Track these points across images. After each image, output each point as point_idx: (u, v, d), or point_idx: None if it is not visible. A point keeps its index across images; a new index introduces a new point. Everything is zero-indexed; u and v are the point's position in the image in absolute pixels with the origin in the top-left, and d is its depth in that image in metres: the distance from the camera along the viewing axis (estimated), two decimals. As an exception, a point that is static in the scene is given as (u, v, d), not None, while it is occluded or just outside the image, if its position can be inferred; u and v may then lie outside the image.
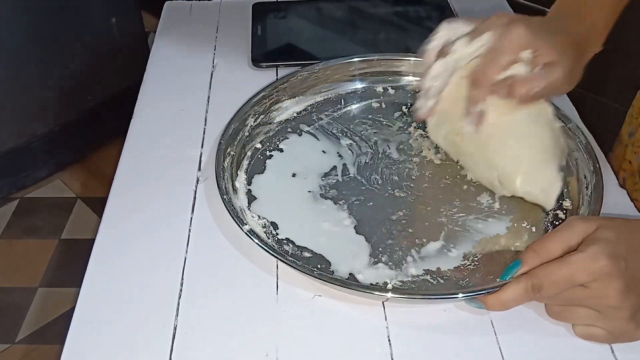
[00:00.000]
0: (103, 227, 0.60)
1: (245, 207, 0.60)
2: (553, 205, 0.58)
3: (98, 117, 1.88)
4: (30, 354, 1.44)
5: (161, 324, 0.51)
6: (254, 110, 0.68)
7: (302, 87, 0.73)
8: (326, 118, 0.71)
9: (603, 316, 0.46)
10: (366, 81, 0.75)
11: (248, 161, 0.66)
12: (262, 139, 0.68)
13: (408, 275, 0.54)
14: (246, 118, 0.67)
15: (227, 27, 0.88)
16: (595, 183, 0.58)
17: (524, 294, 0.47)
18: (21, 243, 1.70)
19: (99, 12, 1.75)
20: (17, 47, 1.61)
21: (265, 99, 0.70)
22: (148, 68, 0.81)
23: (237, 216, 0.55)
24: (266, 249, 0.53)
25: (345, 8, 0.93)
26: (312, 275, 0.51)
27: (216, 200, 0.58)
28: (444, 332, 0.51)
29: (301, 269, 0.52)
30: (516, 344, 0.50)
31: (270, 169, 0.65)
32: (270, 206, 0.61)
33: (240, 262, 0.56)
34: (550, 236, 0.48)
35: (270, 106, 0.70)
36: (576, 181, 0.61)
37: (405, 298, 0.51)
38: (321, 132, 0.70)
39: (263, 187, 0.63)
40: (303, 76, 0.73)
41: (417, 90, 0.60)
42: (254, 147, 0.67)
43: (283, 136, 0.69)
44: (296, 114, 0.72)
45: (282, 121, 0.71)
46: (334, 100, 0.73)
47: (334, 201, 0.61)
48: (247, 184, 0.63)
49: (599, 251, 0.45)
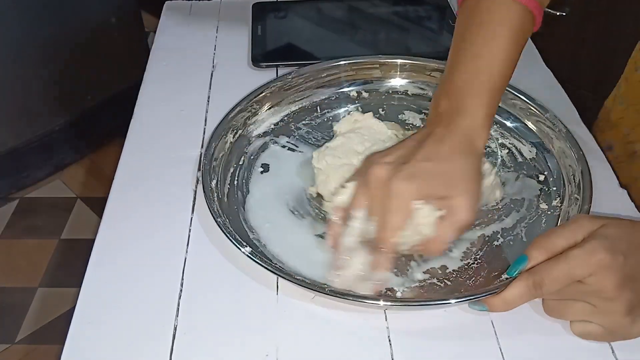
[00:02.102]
0: (103, 227, 0.60)
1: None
2: None
3: (98, 117, 1.88)
4: (30, 354, 1.44)
5: (161, 324, 0.51)
6: (232, 126, 0.67)
7: (276, 97, 0.72)
8: (305, 127, 0.71)
9: (599, 311, 0.46)
10: (339, 87, 0.74)
11: (232, 179, 0.64)
12: (244, 154, 0.66)
13: (415, 280, 0.54)
14: (225, 134, 0.66)
15: (227, 27, 0.88)
16: (582, 170, 0.59)
17: (526, 292, 0.47)
18: (21, 243, 1.70)
19: (99, 12, 1.75)
20: (17, 47, 1.61)
21: (241, 112, 0.68)
22: (148, 68, 0.81)
23: (236, 239, 0.54)
24: (269, 268, 0.52)
25: (345, 8, 0.93)
26: (313, 289, 0.51)
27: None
28: (444, 334, 0.51)
29: (300, 283, 0.51)
30: (517, 346, 0.50)
31: (256, 186, 0.63)
32: (263, 227, 0.59)
33: (241, 262, 0.56)
34: (557, 232, 0.48)
35: (247, 120, 0.69)
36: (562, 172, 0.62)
37: (404, 306, 0.51)
38: (302, 142, 0.69)
39: (253, 206, 0.61)
40: (277, 86, 0.71)
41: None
42: (236, 163, 0.65)
43: (264, 149, 0.67)
44: (273, 125, 0.70)
45: (260, 134, 0.69)
46: (309, 108, 0.73)
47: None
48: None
49: (597, 245, 0.45)
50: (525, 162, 0.66)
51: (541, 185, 0.63)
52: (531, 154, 0.66)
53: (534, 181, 0.63)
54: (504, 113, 0.69)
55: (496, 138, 0.68)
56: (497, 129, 0.69)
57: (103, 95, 1.86)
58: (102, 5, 1.75)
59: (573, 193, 0.59)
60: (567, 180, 0.61)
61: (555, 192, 0.61)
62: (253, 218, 0.60)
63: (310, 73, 0.73)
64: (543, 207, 0.60)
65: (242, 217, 0.60)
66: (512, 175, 0.64)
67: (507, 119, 0.69)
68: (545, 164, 0.65)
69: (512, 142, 0.67)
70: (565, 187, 0.61)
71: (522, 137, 0.68)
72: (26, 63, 1.64)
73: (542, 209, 0.60)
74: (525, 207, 0.60)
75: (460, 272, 0.55)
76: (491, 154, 0.67)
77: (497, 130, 0.69)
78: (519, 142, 0.67)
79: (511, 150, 0.67)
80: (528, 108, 0.68)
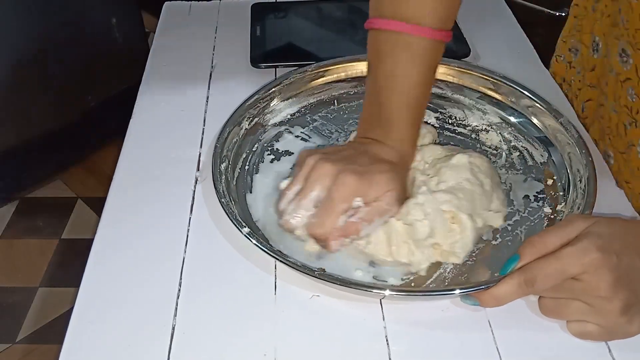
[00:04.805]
0: (102, 227, 0.60)
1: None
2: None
3: (98, 117, 1.88)
4: (30, 354, 1.44)
5: (159, 323, 0.51)
6: (249, 113, 0.68)
7: (295, 89, 0.73)
8: (320, 119, 0.72)
9: (595, 310, 0.46)
10: (358, 81, 0.74)
11: (243, 164, 0.66)
12: (257, 142, 0.68)
13: (408, 273, 0.55)
14: (240, 121, 0.67)
15: (226, 27, 0.89)
16: (588, 176, 0.59)
17: (517, 289, 0.47)
18: (21, 243, 1.70)
19: (99, 12, 1.75)
20: (17, 47, 1.61)
21: (259, 101, 0.70)
22: (148, 68, 0.81)
23: (236, 219, 0.55)
24: (267, 251, 0.53)
25: (345, 8, 0.93)
26: (312, 275, 0.51)
27: (215, 200, 0.58)
28: (440, 330, 0.51)
29: (301, 270, 0.52)
30: (513, 341, 0.50)
31: (265, 171, 0.65)
32: (267, 212, 0.60)
33: (239, 263, 0.56)
34: (549, 231, 0.48)
35: (264, 108, 0.70)
36: (569, 175, 0.62)
37: (403, 296, 0.52)
38: (315, 133, 0.70)
39: (259, 191, 0.63)
40: (296, 78, 0.73)
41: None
42: (249, 149, 0.67)
43: (278, 138, 0.69)
44: (290, 115, 0.72)
45: (276, 123, 0.71)
46: (326, 101, 0.74)
47: None
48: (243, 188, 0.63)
49: (590, 244, 0.45)
50: (535, 165, 0.65)
51: (548, 189, 0.63)
52: (542, 158, 0.66)
53: (541, 185, 0.63)
54: (517, 114, 0.70)
55: (509, 140, 0.68)
56: (512, 132, 0.69)
57: (103, 95, 1.86)
58: (102, 5, 1.75)
59: (577, 198, 0.59)
60: (573, 186, 0.61)
61: (562, 197, 0.61)
62: (255, 205, 0.61)
63: (330, 67, 0.74)
64: (547, 210, 0.60)
65: (248, 201, 0.61)
66: (520, 178, 0.64)
67: (520, 121, 0.69)
68: (555, 168, 0.64)
69: (525, 146, 0.68)
70: (571, 192, 0.61)
71: (534, 140, 0.67)
72: (26, 63, 1.64)
73: (545, 213, 0.60)
74: (528, 210, 0.60)
75: (454, 269, 0.55)
76: (496, 154, 0.67)
77: (510, 133, 0.69)
78: (531, 146, 0.67)
79: (522, 153, 0.67)
80: (542, 111, 0.67)
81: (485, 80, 0.72)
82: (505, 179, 0.64)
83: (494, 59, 0.80)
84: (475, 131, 0.70)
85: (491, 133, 0.69)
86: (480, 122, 0.71)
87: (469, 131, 0.70)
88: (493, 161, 0.66)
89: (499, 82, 0.71)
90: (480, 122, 0.71)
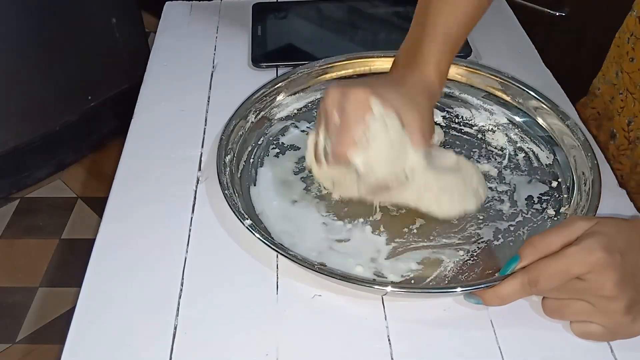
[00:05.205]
0: (103, 227, 0.60)
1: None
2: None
3: (98, 117, 1.88)
4: (31, 354, 1.44)
5: (161, 323, 0.51)
6: (255, 107, 0.69)
7: (302, 84, 0.73)
8: None
9: (599, 310, 0.46)
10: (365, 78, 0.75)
11: (248, 157, 0.66)
12: (263, 135, 0.69)
13: (409, 271, 0.55)
14: (247, 114, 0.68)
15: (227, 27, 0.89)
16: (593, 179, 0.59)
17: (520, 289, 0.47)
18: (22, 243, 1.70)
19: (99, 12, 1.75)
20: (17, 47, 1.61)
21: (266, 95, 0.70)
22: (148, 68, 0.81)
23: (239, 211, 0.55)
24: (267, 243, 0.53)
25: (345, 8, 0.93)
26: (312, 269, 0.51)
27: (216, 200, 0.58)
28: (442, 329, 0.51)
29: (302, 263, 0.51)
30: (515, 340, 0.50)
31: (271, 165, 0.65)
32: (270, 206, 0.61)
33: (240, 263, 0.56)
34: (551, 232, 0.48)
35: (271, 102, 0.71)
36: (574, 177, 0.62)
37: (405, 292, 0.52)
38: None
39: (264, 185, 0.63)
40: (303, 73, 0.73)
41: None
42: (255, 143, 0.67)
43: (284, 132, 0.69)
44: (297, 110, 0.72)
45: (282, 117, 0.71)
46: None
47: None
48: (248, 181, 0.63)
49: (594, 243, 0.45)
50: (540, 167, 0.65)
51: (553, 191, 0.63)
52: (548, 160, 0.66)
53: (545, 186, 0.63)
54: (523, 115, 0.70)
55: (515, 141, 0.68)
56: (518, 133, 0.69)
57: (103, 95, 1.86)
58: (102, 5, 1.75)
59: (581, 201, 0.59)
60: (577, 189, 0.61)
61: (566, 200, 0.61)
62: (257, 198, 0.61)
63: (337, 63, 0.74)
64: (550, 212, 0.60)
65: (252, 194, 0.62)
66: (524, 179, 0.64)
67: (526, 122, 0.69)
68: (561, 170, 0.64)
69: (530, 147, 0.68)
70: (575, 195, 0.60)
71: (540, 142, 0.67)
72: (26, 63, 1.64)
73: (549, 215, 0.60)
74: (531, 212, 0.60)
75: (455, 267, 0.55)
76: (500, 155, 0.67)
77: (517, 134, 0.69)
78: (537, 147, 0.67)
79: (528, 154, 0.67)
80: (549, 113, 0.67)
81: (493, 80, 0.72)
82: (510, 180, 0.64)
83: (495, 59, 0.80)
84: (482, 131, 0.70)
85: (497, 133, 0.69)
86: (487, 122, 0.71)
87: (475, 131, 0.70)
88: (498, 162, 0.66)
89: (507, 83, 0.71)
90: (487, 122, 0.71)
